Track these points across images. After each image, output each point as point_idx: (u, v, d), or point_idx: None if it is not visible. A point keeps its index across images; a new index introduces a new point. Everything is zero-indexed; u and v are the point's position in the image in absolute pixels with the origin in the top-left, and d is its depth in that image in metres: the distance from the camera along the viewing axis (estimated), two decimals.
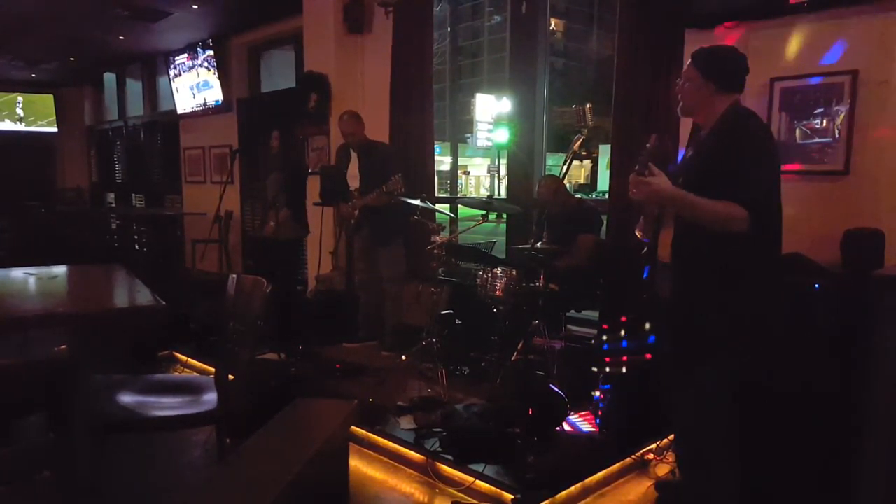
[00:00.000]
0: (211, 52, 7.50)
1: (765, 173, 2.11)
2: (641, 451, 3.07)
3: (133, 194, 10.37)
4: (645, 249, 2.29)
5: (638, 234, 2.43)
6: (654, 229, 2.30)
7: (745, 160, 2.07)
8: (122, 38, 7.71)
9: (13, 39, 7.77)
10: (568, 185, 4.59)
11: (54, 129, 11.15)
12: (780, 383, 2.45)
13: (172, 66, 8.18)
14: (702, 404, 2.24)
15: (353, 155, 4.66)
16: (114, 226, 9.38)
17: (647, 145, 2.27)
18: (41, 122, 10.96)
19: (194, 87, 7.94)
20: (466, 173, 36.84)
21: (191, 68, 7.90)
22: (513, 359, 3.50)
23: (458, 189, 8.30)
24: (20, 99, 10.77)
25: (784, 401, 2.47)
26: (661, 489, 2.83)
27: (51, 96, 10.98)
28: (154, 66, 9.20)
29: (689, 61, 2.27)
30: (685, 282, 2.20)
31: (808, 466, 2.44)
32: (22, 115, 10.85)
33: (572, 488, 2.74)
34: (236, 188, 7.44)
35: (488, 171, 37.19)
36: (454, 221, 5.24)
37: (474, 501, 2.71)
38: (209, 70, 7.59)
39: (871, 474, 2.21)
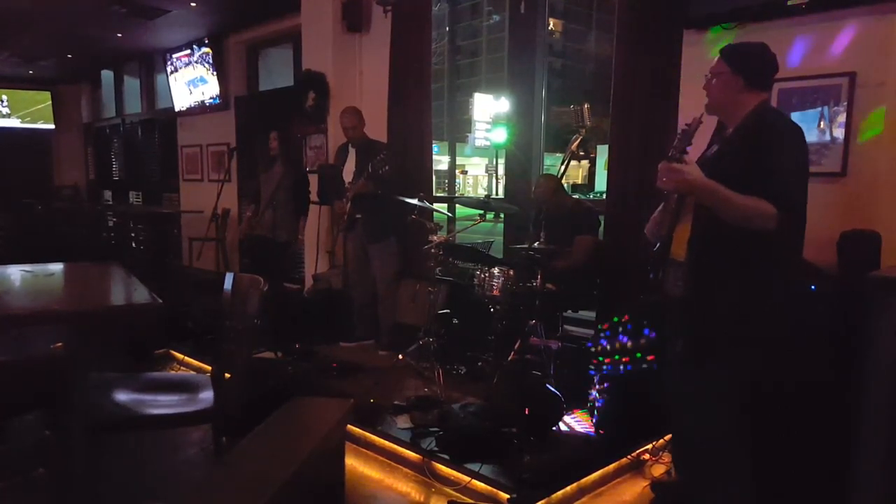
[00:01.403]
0: (209, 50, 7.48)
1: (796, 171, 2.03)
2: (637, 452, 3.08)
3: (130, 192, 10.35)
4: (657, 247, 2.20)
5: (648, 234, 2.36)
6: (670, 225, 2.19)
7: (775, 158, 1.99)
8: (119, 35, 7.69)
9: (10, 36, 7.74)
10: (565, 185, 4.59)
11: (51, 127, 11.10)
12: (777, 384, 2.45)
13: (170, 63, 8.17)
14: (713, 404, 2.18)
15: (351, 152, 4.66)
16: (111, 223, 9.36)
17: (686, 127, 2.11)
18: (28, 119, 10.82)
19: (191, 82, 7.93)
20: (464, 173, 36.83)
21: (187, 65, 7.89)
22: (509, 358, 3.50)
23: (456, 188, 8.30)
24: (4, 97, 10.65)
25: (780, 401, 2.47)
26: (657, 489, 2.84)
27: (44, 93, 10.91)
28: (152, 64, 9.17)
29: (719, 56, 2.20)
30: (704, 278, 2.11)
31: (804, 466, 2.44)
32: (8, 112, 10.74)
33: (568, 488, 2.75)
34: (233, 186, 7.42)
35: (486, 171, 37.21)
36: (452, 221, 5.24)
37: (470, 501, 2.71)
38: (206, 67, 7.58)
39: (868, 474, 2.21)
